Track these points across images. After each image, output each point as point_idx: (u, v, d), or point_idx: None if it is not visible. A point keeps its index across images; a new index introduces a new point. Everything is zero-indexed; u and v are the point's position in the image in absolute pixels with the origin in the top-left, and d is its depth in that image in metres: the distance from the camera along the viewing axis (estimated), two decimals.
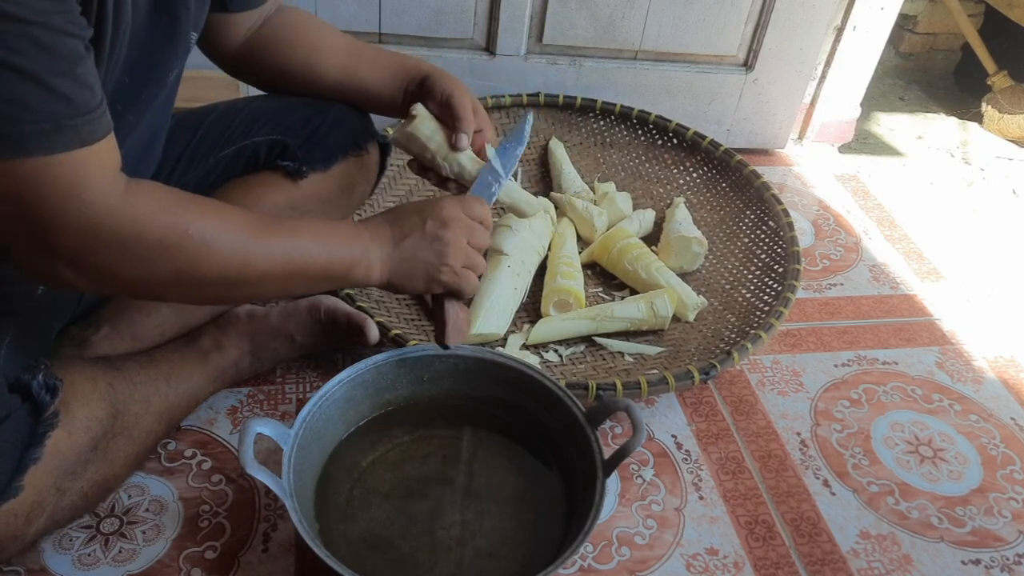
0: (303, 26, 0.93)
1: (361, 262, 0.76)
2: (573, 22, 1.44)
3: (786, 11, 1.47)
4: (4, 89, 0.54)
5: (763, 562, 0.89)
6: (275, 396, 1.00)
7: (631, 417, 0.79)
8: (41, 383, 0.71)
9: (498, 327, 1.08)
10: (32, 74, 0.55)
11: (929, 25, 2.17)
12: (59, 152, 0.57)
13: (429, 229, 0.78)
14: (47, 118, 0.56)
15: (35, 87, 0.55)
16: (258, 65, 0.94)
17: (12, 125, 0.55)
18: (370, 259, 0.77)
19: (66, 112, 0.57)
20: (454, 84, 0.89)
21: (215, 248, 0.67)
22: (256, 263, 0.70)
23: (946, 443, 1.08)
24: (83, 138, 0.58)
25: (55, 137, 0.57)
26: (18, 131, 0.55)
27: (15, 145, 0.56)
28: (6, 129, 0.55)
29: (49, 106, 0.56)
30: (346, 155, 0.97)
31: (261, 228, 0.71)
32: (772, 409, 1.09)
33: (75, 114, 0.58)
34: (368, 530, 0.82)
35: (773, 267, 1.20)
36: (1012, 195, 1.73)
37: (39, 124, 0.56)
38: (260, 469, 0.71)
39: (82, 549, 0.81)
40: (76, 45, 0.57)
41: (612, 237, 1.24)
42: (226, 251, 0.68)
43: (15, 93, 0.54)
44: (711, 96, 1.57)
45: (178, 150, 0.92)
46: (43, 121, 0.56)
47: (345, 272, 0.76)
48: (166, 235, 0.64)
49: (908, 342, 1.24)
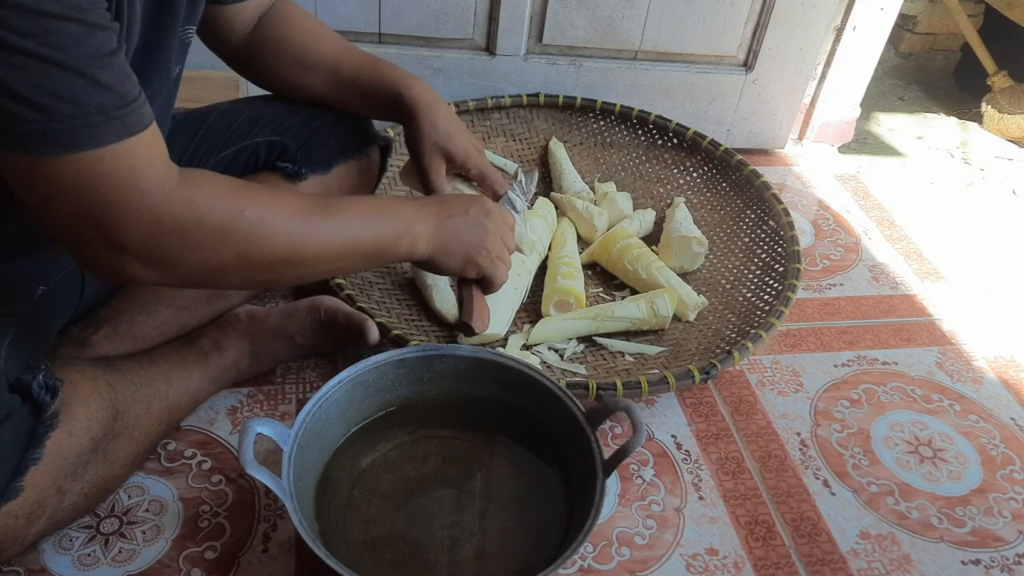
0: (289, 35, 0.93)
1: (405, 236, 0.79)
2: (573, 22, 1.44)
3: (786, 11, 1.47)
4: (51, 85, 0.54)
5: (763, 562, 0.89)
6: (275, 396, 1.00)
7: (631, 417, 0.79)
8: (41, 383, 0.72)
9: (498, 327, 1.08)
10: (77, 68, 0.55)
11: (929, 25, 2.17)
12: (110, 143, 0.57)
13: (473, 214, 0.83)
14: (96, 111, 0.56)
15: (82, 80, 0.55)
16: (256, 68, 0.95)
17: (63, 120, 0.55)
18: (414, 233, 0.80)
19: (113, 103, 0.57)
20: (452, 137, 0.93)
21: (271, 230, 0.68)
22: (310, 243, 0.72)
23: (946, 443, 1.08)
24: (131, 128, 0.59)
25: (105, 129, 0.57)
26: (68, 126, 0.55)
27: (67, 140, 0.56)
28: (58, 125, 0.55)
29: (96, 99, 0.56)
30: (346, 158, 0.97)
31: (311, 209, 0.72)
32: (772, 409, 1.09)
33: (121, 104, 0.58)
34: (368, 530, 0.82)
35: (773, 266, 1.20)
36: (1012, 195, 1.73)
37: (88, 117, 0.56)
38: (260, 469, 0.71)
39: (82, 549, 0.81)
40: (111, 38, 0.58)
41: (612, 237, 1.24)
42: (282, 233, 0.69)
43: (63, 88, 0.55)
44: (711, 96, 1.57)
45: (178, 150, 0.92)
46: (92, 114, 0.56)
47: (390, 246, 0.78)
48: (225, 220, 0.65)
49: (908, 342, 1.24)
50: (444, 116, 0.92)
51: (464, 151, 0.94)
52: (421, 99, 0.91)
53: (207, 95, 1.16)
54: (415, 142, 0.93)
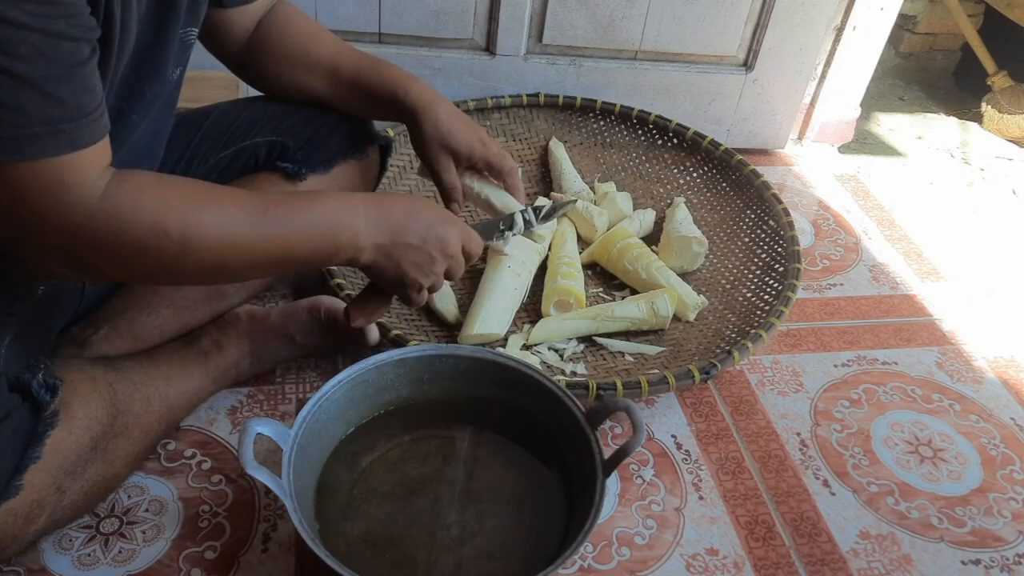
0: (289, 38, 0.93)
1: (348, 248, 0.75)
2: (573, 22, 1.44)
3: (786, 11, 1.47)
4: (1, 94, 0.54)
5: (763, 562, 0.89)
6: (275, 396, 1.00)
7: (631, 417, 0.79)
8: (41, 382, 0.72)
9: (498, 327, 1.08)
10: (29, 79, 0.55)
11: (929, 25, 2.17)
12: (50, 156, 0.58)
13: (427, 249, 0.79)
14: (41, 122, 0.56)
15: (31, 92, 0.55)
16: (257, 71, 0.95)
17: (7, 128, 0.55)
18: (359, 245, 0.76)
19: (61, 116, 0.57)
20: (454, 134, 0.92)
21: (195, 245, 0.66)
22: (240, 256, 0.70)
23: (946, 443, 1.08)
24: (75, 142, 0.59)
25: (47, 141, 0.57)
26: (11, 134, 0.56)
27: (8, 148, 0.56)
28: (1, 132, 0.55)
29: (44, 111, 0.56)
30: (346, 158, 0.97)
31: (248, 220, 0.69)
32: (772, 409, 1.09)
33: (70, 118, 0.58)
34: (368, 530, 0.82)
35: (773, 266, 1.20)
36: (1012, 195, 1.73)
37: (32, 128, 0.56)
38: (260, 469, 0.71)
39: (82, 549, 0.81)
40: (78, 48, 0.57)
41: (612, 237, 1.24)
42: (206, 249, 0.67)
43: (11, 98, 0.55)
44: (711, 96, 1.57)
45: (178, 150, 0.92)
46: (37, 125, 0.56)
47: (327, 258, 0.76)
48: (144, 238, 0.64)
49: (908, 342, 1.24)
50: (444, 114, 0.92)
51: (468, 147, 0.93)
52: (420, 100, 0.91)
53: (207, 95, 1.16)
54: (419, 144, 0.93)
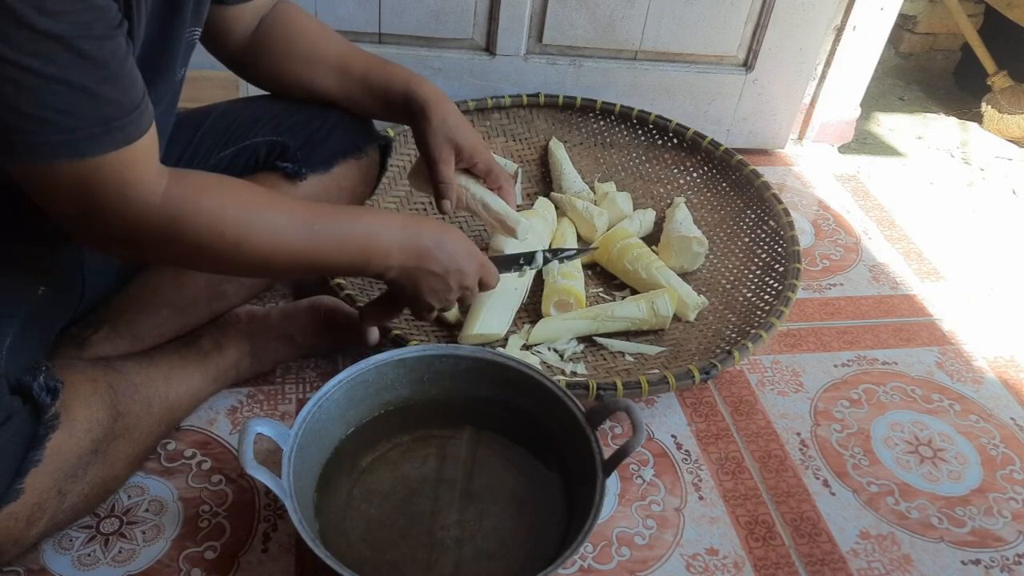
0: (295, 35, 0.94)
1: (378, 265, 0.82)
2: (573, 22, 1.44)
3: (786, 11, 1.47)
4: (57, 102, 0.58)
5: (763, 562, 0.89)
6: (275, 396, 1.00)
7: (631, 417, 0.79)
8: (42, 385, 0.71)
9: (498, 327, 1.08)
10: (81, 86, 0.59)
11: (929, 25, 2.17)
12: (107, 152, 0.62)
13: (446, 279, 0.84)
14: (97, 122, 0.61)
15: (85, 96, 0.59)
16: (260, 68, 0.95)
17: (66, 133, 0.60)
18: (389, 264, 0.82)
19: (114, 114, 0.61)
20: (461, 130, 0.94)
21: (247, 249, 0.72)
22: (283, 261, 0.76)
23: (946, 443, 1.08)
24: (129, 136, 0.63)
25: (105, 139, 0.61)
26: (71, 138, 0.60)
27: (69, 149, 0.60)
28: (62, 136, 0.60)
29: (98, 111, 0.60)
30: (346, 157, 0.97)
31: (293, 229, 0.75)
32: (772, 409, 1.09)
33: (123, 113, 0.62)
34: (368, 530, 0.82)
35: (774, 266, 1.20)
36: (1012, 195, 1.73)
37: (90, 129, 0.60)
38: (260, 469, 0.71)
39: (82, 549, 0.81)
40: (119, 44, 0.61)
41: (612, 237, 1.24)
42: (256, 252, 0.73)
43: (68, 104, 0.59)
44: (711, 96, 1.57)
45: (178, 150, 0.92)
46: (93, 125, 0.60)
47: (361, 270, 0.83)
48: (201, 238, 0.70)
49: (908, 342, 1.24)
50: (452, 111, 0.94)
51: (472, 144, 0.95)
52: (431, 95, 0.93)
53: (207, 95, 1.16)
54: (425, 135, 0.93)
